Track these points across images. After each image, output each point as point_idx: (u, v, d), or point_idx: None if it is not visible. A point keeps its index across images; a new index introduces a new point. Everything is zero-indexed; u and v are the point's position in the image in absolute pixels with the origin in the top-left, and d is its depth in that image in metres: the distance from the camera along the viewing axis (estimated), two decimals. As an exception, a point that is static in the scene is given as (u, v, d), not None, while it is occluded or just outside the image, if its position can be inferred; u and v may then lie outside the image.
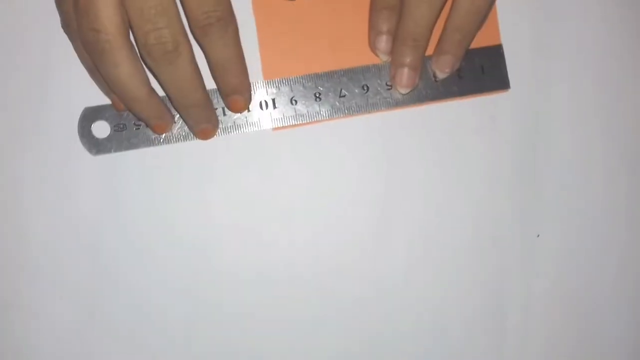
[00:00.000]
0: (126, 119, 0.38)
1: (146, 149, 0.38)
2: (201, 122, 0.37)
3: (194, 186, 0.38)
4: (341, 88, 0.39)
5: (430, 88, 0.39)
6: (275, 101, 0.38)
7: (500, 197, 0.40)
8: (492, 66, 0.40)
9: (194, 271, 0.38)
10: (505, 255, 0.40)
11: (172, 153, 0.38)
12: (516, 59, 0.40)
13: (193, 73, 0.34)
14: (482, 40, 0.39)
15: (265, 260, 0.39)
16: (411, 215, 0.39)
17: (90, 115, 0.37)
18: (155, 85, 0.35)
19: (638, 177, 0.41)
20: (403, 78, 0.38)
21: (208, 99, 0.36)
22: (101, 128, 0.37)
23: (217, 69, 0.35)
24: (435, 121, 0.39)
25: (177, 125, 0.38)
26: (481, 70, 0.40)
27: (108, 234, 0.38)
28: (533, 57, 0.40)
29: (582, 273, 0.40)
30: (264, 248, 0.39)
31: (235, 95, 0.37)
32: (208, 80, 0.35)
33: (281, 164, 0.39)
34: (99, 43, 0.32)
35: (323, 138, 0.39)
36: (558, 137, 0.40)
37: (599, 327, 0.41)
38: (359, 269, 0.39)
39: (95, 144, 0.37)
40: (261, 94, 0.38)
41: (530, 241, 0.40)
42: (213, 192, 0.38)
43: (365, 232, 0.39)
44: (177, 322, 0.38)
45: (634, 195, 0.41)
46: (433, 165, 0.40)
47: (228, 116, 0.38)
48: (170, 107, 0.37)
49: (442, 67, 0.38)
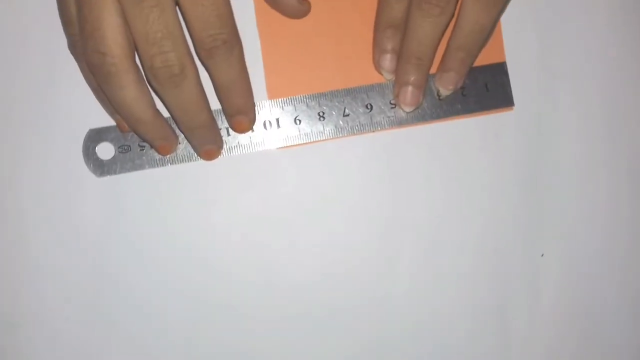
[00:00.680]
0: (130, 140, 0.38)
1: (152, 170, 0.38)
2: (206, 143, 0.37)
3: (199, 206, 0.38)
4: (345, 107, 0.39)
5: (434, 106, 0.39)
6: (279, 121, 0.38)
7: (504, 216, 0.40)
8: (496, 84, 0.40)
9: (200, 290, 0.38)
10: (509, 274, 0.40)
11: (178, 173, 0.38)
12: (521, 77, 0.40)
13: (199, 95, 0.34)
14: (487, 57, 0.39)
15: (271, 279, 0.38)
16: (416, 232, 0.39)
17: (94, 136, 0.37)
18: (159, 105, 0.35)
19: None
20: (407, 96, 0.38)
21: (213, 120, 0.36)
22: (106, 149, 0.37)
23: (222, 90, 0.35)
24: (439, 139, 0.39)
25: (182, 146, 0.38)
26: (485, 88, 0.39)
27: (113, 254, 0.38)
28: (538, 75, 0.40)
29: (586, 291, 0.40)
30: (270, 267, 0.38)
31: (239, 115, 0.37)
32: (213, 100, 0.36)
33: (286, 183, 0.39)
34: (105, 66, 0.32)
35: (327, 157, 0.39)
36: (562, 156, 0.40)
37: (602, 346, 0.40)
38: (365, 285, 0.39)
39: (99, 166, 0.37)
40: (265, 114, 0.38)
41: (534, 261, 0.40)
42: (218, 212, 0.38)
43: (370, 249, 0.39)
44: (182, 340, 0.38)
45: (639, 214, 0.40)
46: (437, 182, 0.39)
47: (232, 136, 0.38)
48: (174, 128, 0.37)
49: (446, 85, 0.38)
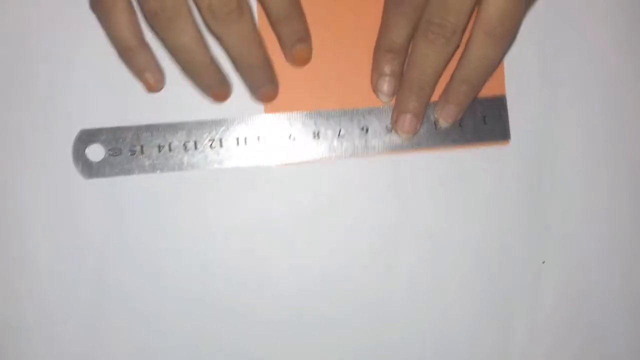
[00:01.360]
0: (122, 144, 0.37)
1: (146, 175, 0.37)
2: (265, 83, 0.37)
3: (192, 215, 0.38)
4: (340, 128, 0.39)
5: (430, 134, 0.39)
6: (273, 136, 0.38)
7: (505, 222, 0.40)
8: (494, 117, 0.39)
9: (198, 292, 0.38)
10: (510, 280, 0.40)
11: (172, 180, 0.38)
12: (520, 111, 0.40)
13: (256, 31, 0.34)
14: (487, 89, 0.39)
15: (262, 287, 0.38)
16: (416, 239, 0.39)
17: (85, 137, 0.37)
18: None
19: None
20: (405, 124, 0.38)
21: (270, 60, 0.36)
22: (96, 151, 0.37)
23: (278, 20, 0.35)
24: (437, 164, 0.39)
25: (173, 153, 0.37)
26: (483, 120, 0.39)
27: (112, 255, 0.37)
28: (537, 110, 0.40)
29: (587, 298, 0.40)
30: (262, 282, 0.38)
31: (300, 44, 0.37)
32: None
33: (276, 199, 0.38)
34: (166, 11, 0.32)
35: (318, 176, 0.39)
36: (564, 164, 0.40)
37: (603, 352, 0.40)
38: (365, 291, 0.39)
39: (88, 167, 0.37)
40: (260, 128, 0.38)
41: (535, 268, 0.40)
42: (207, 222, 0.38)
43: (371, 252, 0.39)
44: (181, 342, 0.38)
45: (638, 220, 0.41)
46: (438, 194, 0.39)
47: (224, 148, 0.38)
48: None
49: (446, 117, 0.38)
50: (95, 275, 0.37)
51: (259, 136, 0.38)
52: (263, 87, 0.37)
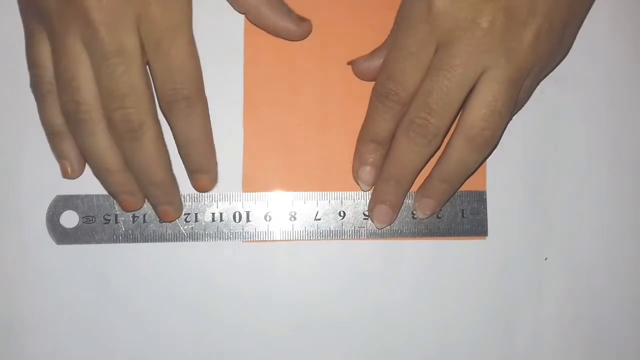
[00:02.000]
0: (96, 212, 0.37)
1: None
2: (163, 203, 0.36)
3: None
4: (318, 211, 0.38)
5: (406, 225, 0.39)
6: (249, 215, 0.38)
7: (508, 218, 0.40)
8: (473, 211, 0.39)
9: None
10: (513, 278, 0.40)
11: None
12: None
13: (156, 152, 0.34)
14: (467, 184, 0.38)
15: None
16: (419, 240, 0.39)
17: (61, 203, 0.37)
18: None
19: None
20: (381, 214, 0.38)
21: (171, 181, 0.36)
22: (70, 218, 0.37)
23: (182, 147, 0.35)
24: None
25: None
26: (461, 213, 0.39)
27: (112, 261, 0.38)
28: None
29: (590, 295, 0.40)
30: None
31: (199, 174, 0.37)
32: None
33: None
34: (79, 113, 0.33)
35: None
36: (566, 157, 0.40)
37: (606, 350, 0.40)
38: (365, 284, 0.39)
39: (59, 234, 0.37)
40: (237, 206, 0.38)
41: (538, 264, 0.40)
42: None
43: (371, 260, 0.39)
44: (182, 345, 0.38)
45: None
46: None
47: (199, 223, 0.38)
48: None
49: (424, 210, 0.38)
50: (95, 276, 0.38)
51: (235, 213, 0.38)
52: (159, 207, 0.36)
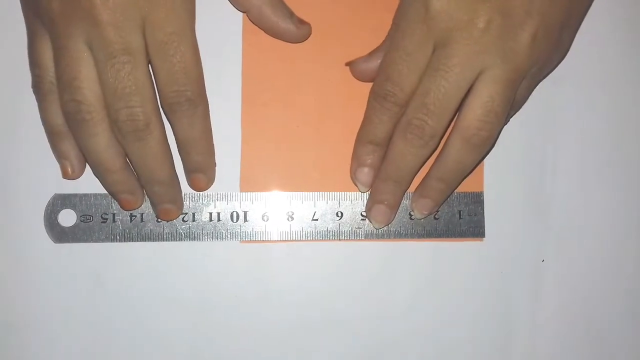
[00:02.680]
0: (94, 211, 0.37)
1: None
2: (164, 202, 0.37)
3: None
4: (315, 211, 0.38)
5: (404, 226, 0.39)
6: (247, 214, 0.38)
7: (505, 220, 0.40)
8: (470, 213, 0.39)
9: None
10: (510, 279, 0.40)
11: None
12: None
13: (161, 151, 0.34)
14: (465, 185, 0.39)
15: None
16: (416, 245, 0.39)
17: (58, 202, 0.37)
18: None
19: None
20: (379, 214, 0.38)
21: (174, 179, 0.36)
22: (68, 216, 0.37)
23: (182, 146, 0.36)
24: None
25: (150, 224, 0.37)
26: (458, 215, 0.39)
27: (111, 262, 0.38)
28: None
29: (587, 296, 0.40)
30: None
31: (197, 173, 0.37)
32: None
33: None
34: (80, 113, 0.33)
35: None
36: (563, 161, 0.40)
37: (604, 351, 0.40)
38: (362, 284, 0.39)
39: (57, 232, 0.37)
40: (234, 206, 0.38)
41: (535, 266, 0.40)
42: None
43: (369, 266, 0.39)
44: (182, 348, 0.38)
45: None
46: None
47: (196, 222, 0.38)
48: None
49: (421, 210, 0.38)
50: (94, 277, 0.38)
51: (233, 213, 0.38)
52: (161, 205, 0.37)
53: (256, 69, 0.38)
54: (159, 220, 0.37)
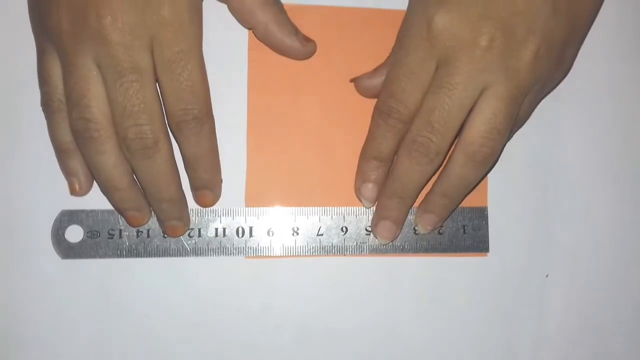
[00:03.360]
0: (101, 227, 0.37)
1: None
2: (171, 219, 0.37)
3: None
4: (320, 226, 0.39)
5: (408, 241, 0.39)
6: (252, 230, 0.38)
7: (508, 234, 0.40)
8: (474, 227, 0.40)
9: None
10: (514, 294, 0.40)
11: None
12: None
13: (169, 169, 0.35)
14: (469, 200, 0.39)
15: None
16: (420, 260, 0.39)
17: (66, 218, 0.37)
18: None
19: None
20: (384, 230, 0.38)
21: (181, 197, 0.37)
22: (75, 232, 0.37)
23: (189, 164, 0.36)
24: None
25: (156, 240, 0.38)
26: (462, 230, 0.39)
27: (115, 277, 0.38)
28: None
29: (591, 311, 0.40)
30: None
31: (204, 190, 0.37)
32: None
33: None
34: (88, 131, 0.33)
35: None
36: (567, 169, 0.40)
37: None
38: (364, 301, 0.39)
39: (64, 248, 0.37)
40: (240, 221, 0.38)
41: (539, 281, 0.40)
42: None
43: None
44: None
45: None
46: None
47: (202, 238, 0.38)
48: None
49: (425, 225, 0.38)
50: (100, 292, 0.38)
51: (238, 228, 0.38)
52: (168, 222, 0.37)
53: (262, 86, 0.39)
54: (166, 236, 0.38)
